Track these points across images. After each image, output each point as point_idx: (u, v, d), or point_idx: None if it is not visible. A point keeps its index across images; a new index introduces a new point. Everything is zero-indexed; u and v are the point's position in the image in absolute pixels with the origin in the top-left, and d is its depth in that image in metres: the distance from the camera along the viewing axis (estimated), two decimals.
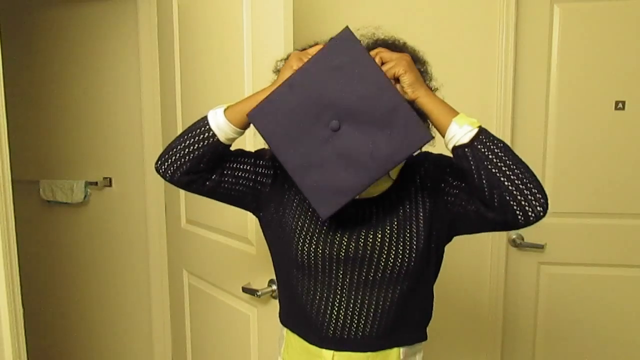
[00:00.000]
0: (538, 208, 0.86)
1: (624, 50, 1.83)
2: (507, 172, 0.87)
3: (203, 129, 1.00)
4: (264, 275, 1.46)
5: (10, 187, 1.24)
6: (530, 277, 2.00)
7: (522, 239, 1.97)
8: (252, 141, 1.37)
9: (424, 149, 0.94)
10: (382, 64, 0.92)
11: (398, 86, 0.92)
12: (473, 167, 0.88)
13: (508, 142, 1.88)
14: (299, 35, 1.40)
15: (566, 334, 2.01)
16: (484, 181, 0.87)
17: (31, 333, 1.50)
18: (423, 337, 1.10)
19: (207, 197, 1.10)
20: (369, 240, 0.99)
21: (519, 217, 0.87)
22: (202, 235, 1.75)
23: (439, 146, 0.97)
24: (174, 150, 1.02)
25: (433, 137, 0.89)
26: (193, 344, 1.93)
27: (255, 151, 1.12)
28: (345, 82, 0.88)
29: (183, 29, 1.74)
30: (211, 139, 0.99)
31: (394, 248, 0.98)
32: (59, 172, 2.40)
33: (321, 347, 1.04)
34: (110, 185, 2.35)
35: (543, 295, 2.00)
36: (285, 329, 1.13)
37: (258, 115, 0.93)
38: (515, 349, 2.04)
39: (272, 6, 1.35)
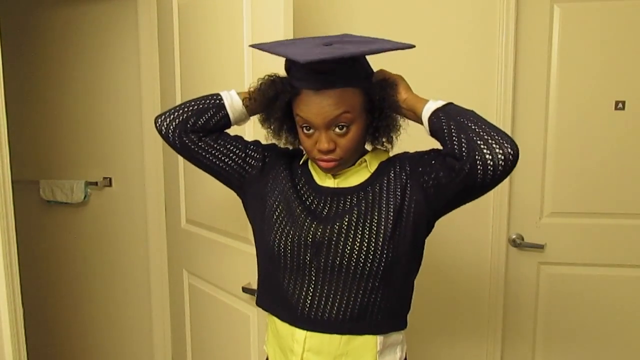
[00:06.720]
0: (506, 147, 0.88)
1: (624, 50, 1.83)
2: (475, 120, 0.93)
3: (211, 95, 1.11)
4: None
5: (10, 187, 1.24)
6: (530, 277, 2.00)
7: (522, 239, 1.97)
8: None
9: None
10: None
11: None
12: (444, 123, 0.95)
13: None
14: (299, 35, 1.40)
15: (566, 334, 2.01)
16: (453, 131, 0.93)
17: (31, 333, 1.50)
18: (400, 326, 1.09)
19: (195, 161, 1.14)
20: (335, 226, 1.01)
21: (487, 157, 0.88)
22: (202, 235, 1.75)
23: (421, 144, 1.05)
24: (178, 107, 1.11)
25: (413, 46, 0.98)
26: (193, 344, 1.93)
27: (251, 141, 1.18)
28: None
29: (183, 29, 1.74)
30: (217, 101, 1.10)
31: (353, 233, 1.00)
32: (59, 172, 2.40)
33: (294, 326, 1.06)
34: (110, 185, 2.35)
35: (543, 295, 2.00)
36: (269, 316, 1.15)
37: None
38: (515, 348, 2.04)
39: (273, 6, 1.35)
